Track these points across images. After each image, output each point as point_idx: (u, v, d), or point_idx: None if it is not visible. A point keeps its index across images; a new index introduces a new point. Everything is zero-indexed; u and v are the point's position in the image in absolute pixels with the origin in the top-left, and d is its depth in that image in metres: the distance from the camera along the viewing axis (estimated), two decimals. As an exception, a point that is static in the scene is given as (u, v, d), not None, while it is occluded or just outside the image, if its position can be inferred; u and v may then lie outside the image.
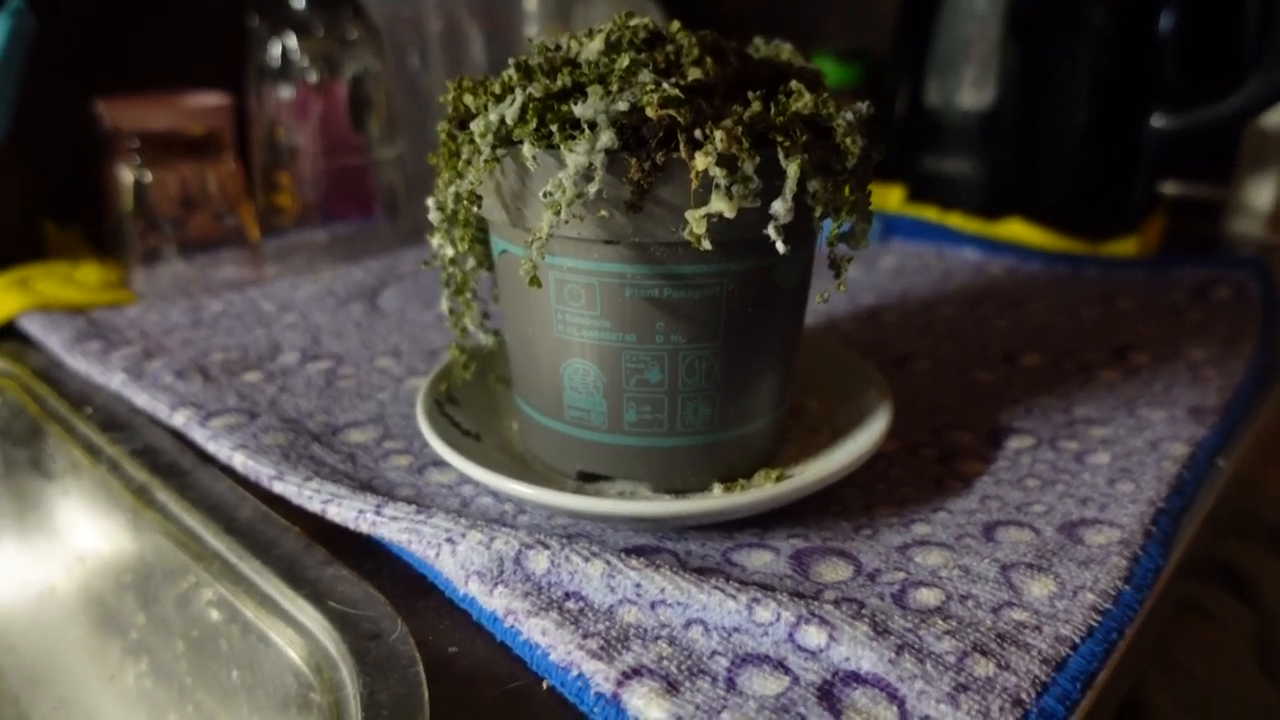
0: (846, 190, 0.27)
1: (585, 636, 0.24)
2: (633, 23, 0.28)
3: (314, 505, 0.31)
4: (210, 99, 0.65)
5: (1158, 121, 0.60)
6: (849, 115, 0.27)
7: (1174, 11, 0.59)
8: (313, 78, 0.57)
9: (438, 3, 0.61)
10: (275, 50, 0.57)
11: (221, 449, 0.35)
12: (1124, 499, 0.32)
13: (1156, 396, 0.40)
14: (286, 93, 0.57)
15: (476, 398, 0.36)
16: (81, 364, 0.43)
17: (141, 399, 0.39)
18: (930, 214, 0.65)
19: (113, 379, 0.41)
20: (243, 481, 0.34)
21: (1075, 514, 0.31)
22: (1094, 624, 0.25)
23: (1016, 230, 0.62)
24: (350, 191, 0.61)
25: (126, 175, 0.51)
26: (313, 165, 0.58)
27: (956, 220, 0.64)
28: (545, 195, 0.25)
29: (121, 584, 0.37)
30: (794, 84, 0.28)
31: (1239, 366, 0.44)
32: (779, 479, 0.31)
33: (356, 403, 0.39)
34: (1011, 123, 0.62)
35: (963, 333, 0.48)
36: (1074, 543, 0.30)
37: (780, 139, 0.25)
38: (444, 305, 0.33)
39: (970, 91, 0.62)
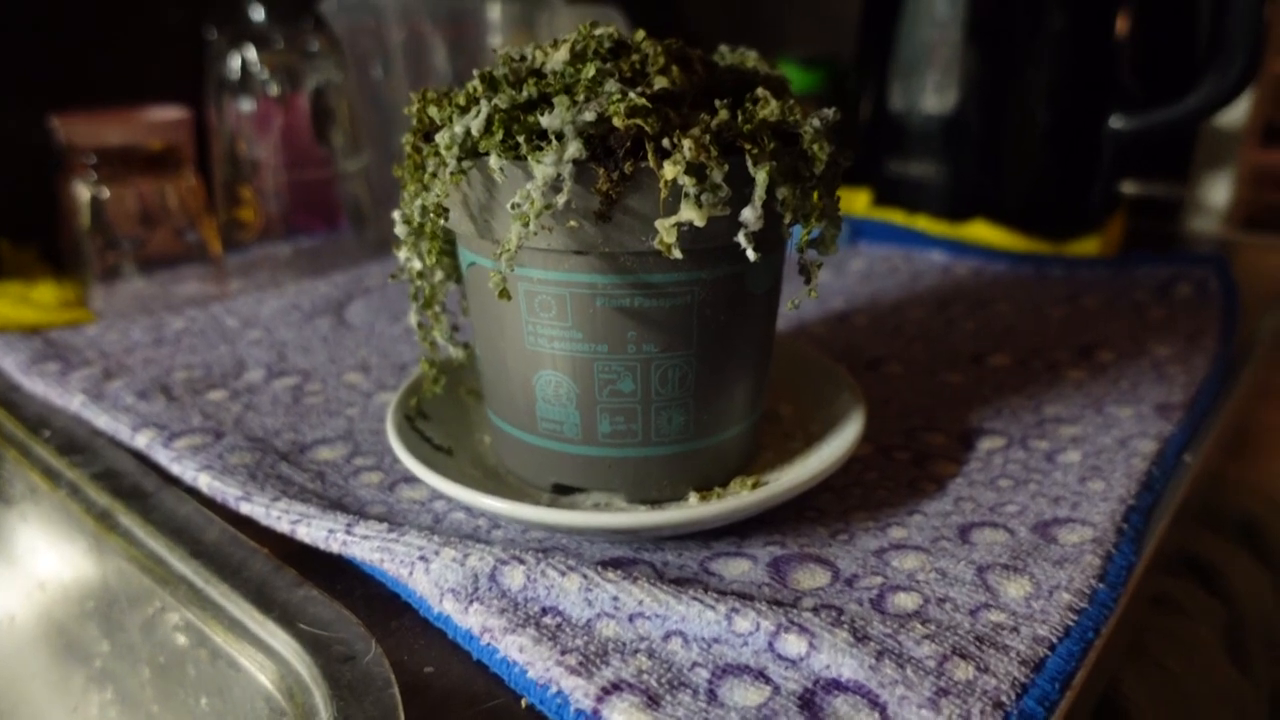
0: (815, 196, 0.27)
1: (563, 652, 0.24)
2: (598, 32, 0.28)
3: (283, 526, 0.30)
4: (168, 113, 0.64)
5: (1116, 123, 0.61)
6: (815, 122, 0.27)
7: (1130, 14, 0.60)
8: (274, 90, 0.56)
9: (400, 13, 0.60)
10: (235, 63, 0.56)
11: (186, 470, 0.34)
12: (1095, 497, 0.32)
13: (1123, 394, 0.41)
14: (247, 105, 0.57)
15: (447, 411, 0.36)
16: (39, 386, 0.42)
17: (102, 420, 0.38)
18: (897, 217, 0.65)
19: (72, 401, 0.40)
20: (209, 503, 0.33)
21: (1048, 513, 0.32)
22: (1070, 623, 0.26)
23: (981, 232, 0.63)
24: (315, 205, 0.61)
25: (83, 192, 0.50)
26: (275, 178, 0.57)
27: (923, 223, 0.64)
28: (513, 207, 0.25)
29: (84, 611, 0.36)
30: (760, 91, 0.28)
31: (1202, 362, 0.44)
32: (755, 486, 0.31)
33: (325, 419, 0.39)
34: (974, 126, 0.62)
35: (932, 334, 0.48)
36: (1048, 542, 0.30)
37: (748, 147, 0.25)
38: (412, 319, 0.33)
39: (933, 96, 0.63)
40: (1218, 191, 0.73)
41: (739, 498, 0.29)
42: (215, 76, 0.57)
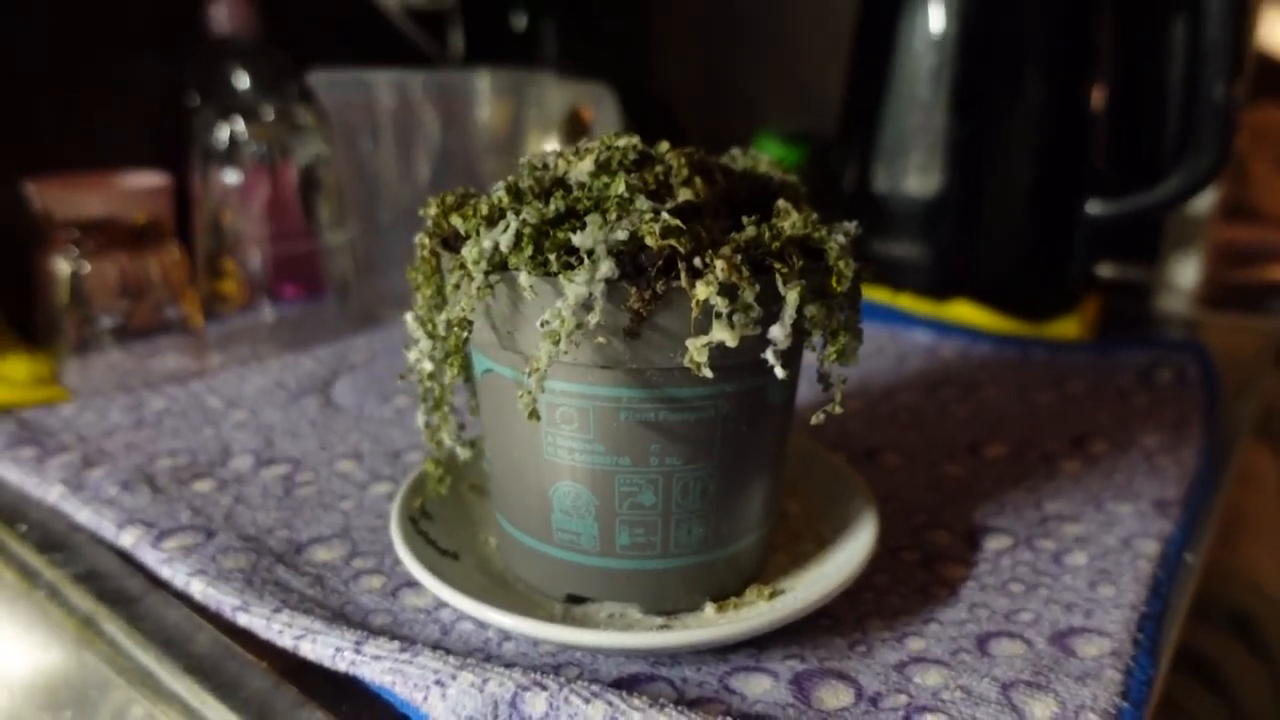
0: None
1: (591, 790, 0.23)
2: (620, 143, 0.28)
3: (285, 640, 0.29)
4: (148, 179, 0.63)
5: (1092, 208, 0.63)
6: (840, 238, 0.27)
7: (1104, 102, 0.63)
8: (261, 161, 0.55)
9: (390, 86, 0.60)
10: (223, 134, 0.55)
11: (177, 575, 0.32)
12: (1107, 604, 0.32)
13: (1120, 489, 0.41)
14: (233, 177, 0.56)
15: (450, 510, 0.35)
16: (14, 474, 0.40)
17: (83, 514, 0.37)
18: (882, 295, 0.66)
19: (50, 491, 0.38)
20: (198, 607, 0.32)
21: (1063, 622, 0.31)
22: (1101, 750, 0.25)
23: (965, 312, 0.63)
24: (298, 276, 0.60)
25: (63, 266, 0.48)
26: (259, 251, 0.56)
27: (907, 302, 0.65)
28: (543, 325, 0.24)
29: (60, 723, 0.34)
30: (782, 203, 0.28)
31: (1190, 454, 0.45)
32: (771, 596, 0.31)
33: (319, 514, 0.37)
34: (956, 208, 0.63)
35: (926, 422, 0.49)
36: (1066, 654, 0.30)
37: (778, 266, 0.25)
38: (420, 419, 0.32)
39: (916, 177, 0.64)
40: (1186, 271, 0.75)
41: (759, 614, 0.28)
42: (201, 146, 0.56)
